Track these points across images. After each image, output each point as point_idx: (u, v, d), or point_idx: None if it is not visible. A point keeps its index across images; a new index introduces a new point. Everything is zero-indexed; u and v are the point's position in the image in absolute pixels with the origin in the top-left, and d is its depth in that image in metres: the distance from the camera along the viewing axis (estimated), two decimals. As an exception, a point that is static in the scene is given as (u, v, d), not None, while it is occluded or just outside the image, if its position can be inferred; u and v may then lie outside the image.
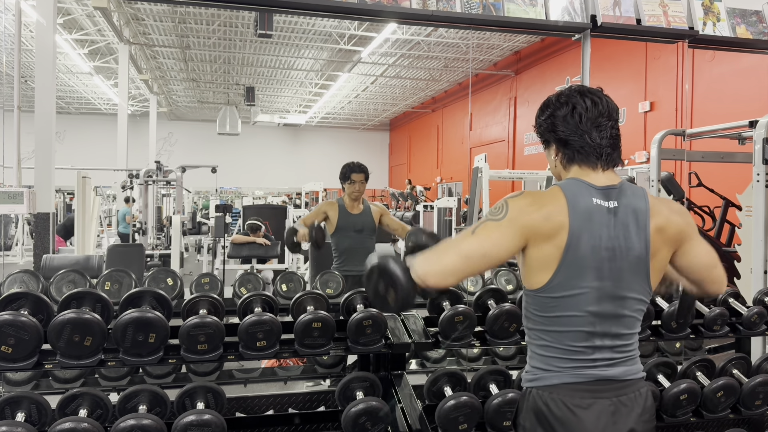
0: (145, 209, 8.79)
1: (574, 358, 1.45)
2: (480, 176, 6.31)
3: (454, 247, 1.40)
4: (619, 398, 1.45)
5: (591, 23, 2.95)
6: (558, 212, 1.39)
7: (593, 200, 1.41)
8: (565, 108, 1.50)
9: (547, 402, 1.44)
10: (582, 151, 1.46)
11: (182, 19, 12.49)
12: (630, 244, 1.42)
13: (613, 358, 1.48)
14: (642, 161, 10.04)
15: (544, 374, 1.47)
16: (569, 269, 1.40)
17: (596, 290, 1.41)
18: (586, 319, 1.42)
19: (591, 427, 1.41)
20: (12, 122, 5.09)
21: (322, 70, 16.51)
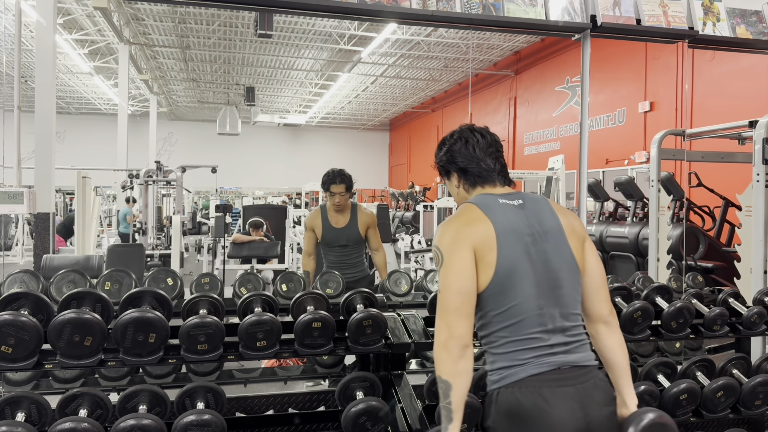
0: (145, 209, 8.79)
1: (534, 346, 1.53)
2: (480, 176, 6.30)
3: (441, 316, 1.52)
4: (582, 385, 1.52)
5: (591, 23, 2.95)
6: (479, 218, 1.57)
7: (500, 201, 1.62)
8: (459, 142, 1.73)
9: (518, 398, 1.49)
10: (481, 175, 1.69)
11: (182, 19, 12.49)
12: (545, 228, 1.59)
13: (567, 342, 1.56)
14: (642, 161, 10.04)
15: (509, 371, 1.53)
16: (506, 260, 1.54)
17: (531, 273, 1.54)
18: (533, 302, 1.53)
19: (563, 415, 1.46)
20: (12, 122, 5.09)
21: (322, 70, 16.51)
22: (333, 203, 3.73)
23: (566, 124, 12.82)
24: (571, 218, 1.67)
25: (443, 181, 1.82)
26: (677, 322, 2.67)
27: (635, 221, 6.84)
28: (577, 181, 3.29)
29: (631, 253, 6.56)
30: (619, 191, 7.22)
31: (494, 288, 1.53)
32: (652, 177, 4.79)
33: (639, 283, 3.44)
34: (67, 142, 20.37)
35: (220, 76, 17.67)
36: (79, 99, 20.34)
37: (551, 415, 1.46)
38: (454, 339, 1.48)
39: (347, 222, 3.76)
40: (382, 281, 3.21)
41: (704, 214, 6.91)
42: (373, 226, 3.86)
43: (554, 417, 1.46)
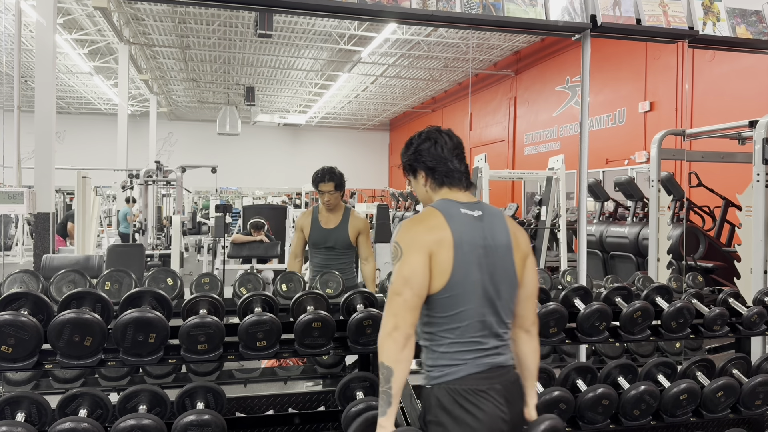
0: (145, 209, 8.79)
1: (474, 348, 1.66)
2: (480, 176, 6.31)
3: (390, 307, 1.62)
4: (506, 382, 1.70)
5: (591, 23, 2.95)
6: (440, 225, 1.66)
7: (461, 210, 1.71)
8: (427, 142, 1.80)
9: (458, 394, 1.63)
10: (449, 175, 1.77)
11: (182, 19, 12.48)
12: (497, 242, 1.71)
13: (498, 345, 1.71)
14: (642, 161, 10.04)
15: (450, 369, 1.66)
16: (460, 267, 1.64)
17: (480, 283, 1.66)
18: (478, 309, 1.66)
19: (493, 409, 1.63)
20: (12, 122, 5.09)
21: (322, 70, 16.51)
22: (323, 202, 3.64)
23: (566, 124, 12.81)
24: (519, 235, 1.79)
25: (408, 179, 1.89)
26: (677, 322, 2.67)
27: (635, 221, 6.84)
28: (577, 181, 3.29)
29: (631, 253, 6.56)
30: (619, 191, 7.22)
31: (446, 293, 1.64)
32: (652, 177, 4.79)
33: (639, 283, 3.44)
34: (67, 142, 20.36)
35: (220, 76, 17.66)
36: (79, 99, 20.34)
37: (484, 409, 1.62)
38: (399, 329, 1.58)
39: (337, 224, 3.64)
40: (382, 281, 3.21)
41: (704, 214, 6.90)
42: (364, 233, 3.70)
43: (487, 410, 1.62)
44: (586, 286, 2.75)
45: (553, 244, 8.36)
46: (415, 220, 1.71)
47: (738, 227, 4.45)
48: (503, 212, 1.83)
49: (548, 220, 6.43)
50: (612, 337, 2.64)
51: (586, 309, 2.53)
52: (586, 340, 2.58)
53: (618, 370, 2.56)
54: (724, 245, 6.34)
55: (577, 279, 3.18)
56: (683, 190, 6.47)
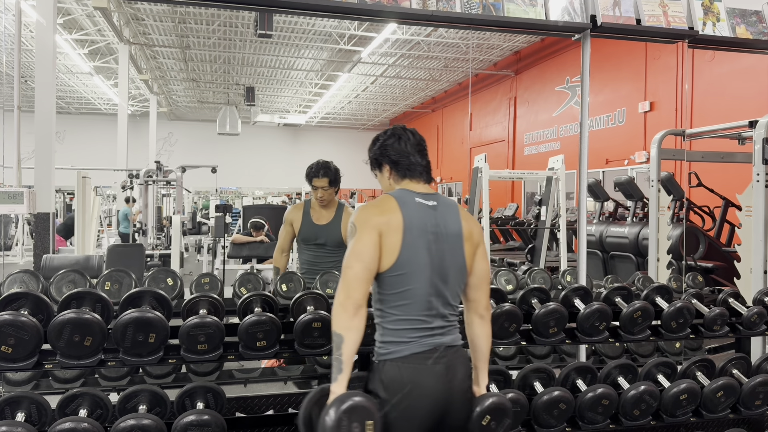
0: (145, 209, 8.79)
1: (419, 327, 1.79)
2: (480, 176, 6.31)
3: (344, 279, 1.74)
4: (450, 362, 1.81)
5: (591, 23, 2.95)
6: (393, 209, 1.80)
7: (416, 199, 1.85)
8: (392, 138, 1.94)
9: (400, 371, 1.75)
10: (410, 169, 1.90)
11: (182, 19, 12.48)
12: (448, 230, 1.84)
13: (444, 326, 1.84)
14: (642, 161, 10.04)
15: (396, 347, 1.78)
16: (409, 249, 1.77)
17: (428, 266, 1.79)
18: (425, 290, 1.79)
19: (432, 387, 1.75)
20: (12, 122, 5.09)
21: (322, 70, 16.51)
22: (316, 198, 3.51)
23: (566, 124, 12.81)
24: (472, 225, 1.92)
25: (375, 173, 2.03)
26: (677, 322, 2.67)
27: (635, 221, 6.84)
28: (577, 181, 3.29)
29: (631, 253, 6.56)
30: (619, 191, 7.22)
31: (394, 271, 1.77)
32: (652, 177, 4.79)
33: (639, 283, 3.44)
34: (67, 142, 20.35)
35: (220, 76, 17.66)
36: (79, 99, 20.34)
37: (423, 387, 1.74)
38: (350, 299, 1.70)
39: (329, 220, 3.51)
40: None
41: (704, 214, 6.91)
42: None
43: (425, 388, 1.74)
44: (586, 286, 2.74)
45: (553, 244, 8.36)
46: (371, 204, 1.86)
47: (738, 227, 4.45)
48: (458, 204, 1.95)
49: (548, 220, 6.42)
50: (612, 337, 2.64)
51: (586, 309, 2.53)
52: (586, 340, 2.58)
53: (618, 370, 2.56)
54: (724, 245, 6.34)
55: (577, 279, 3.18)
56: (683, 190, 6.47)
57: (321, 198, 3.48)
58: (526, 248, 7.53)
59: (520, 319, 2.49)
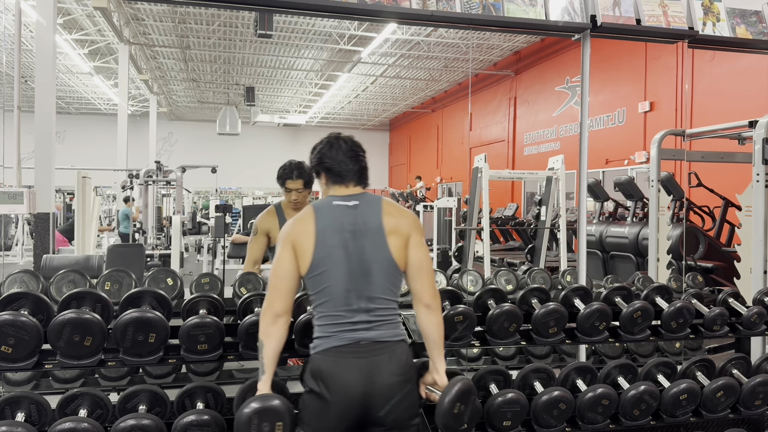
0: (145, 209, 8.79)
1: (339, 322, 1.85)
2: (480, 176, 6.31)
3: (267, 291, 1.90)
4: (375, 357, 1.84)
5: (591, 23, 2.95)
6: (308, 218, 1.91)
7: (333, 203, 1.94)
8: (326, 147, 2.03)
9: (320, 364, 1.83)
10: (341, 175, 1.99)
11: (182, 19, 12.48)
12: (368, 226, 1.91)
13: (370, 321, 1.87)
14: (642, 161, 10.04)
15: (320, 342, 1.87)
16: (322, 250, 1.87)
17: (345, 262, 1.86)
18: (342, 286, 1.86)
19: (350, 381, 1.79)
20: (12, 122, 5.09)
21: (322, 70, 16.51)
22: (289, 200, 3.32)
23: (566, 124, 12.81)
24: (399, 219, 1.96)
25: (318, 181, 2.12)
26: (677, 322, 2.67)
27: (635, 221, 6.84)
28: (577, 181, 3.29)
29: (631, 253, 6.56)
30: (619, 191, 7.22)
31: (312, 272, 1.88)
32: (652, 177, 4.79)
33: (639, 283, 3.44)
34: (67, 142, 20.35)
35: (220, 76, 17.66)
36: (79, 99, 20.33)
37: (341, 380, 1.80)
38: (270, 309, 1.86)
39: None
40: None
41: (704, 214, 6.90)
42: None
43: (343, 381, 1.80)
44: (586, 286, 2.75)
45: (553, 244, 8.36)
46: (292, 219, 1.98)
47: (738, 227, 4.45)
48: (382, 200, 2.00)
49: (548, 220, 6.42)
50: (612, 337, 2.64)
51: (585, 309, 2.53)
52: (586, 340, 2.58)
53: (618, 370, 2.56)
54: (723, 245, 6.34)
55: (577, 279, 3.18)
56: (683, 190, 6.47)
57: (295, 201, 3.30)
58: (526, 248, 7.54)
59: (520, 319, 2.49)
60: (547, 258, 6.67)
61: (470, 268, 4.99)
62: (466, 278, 3.20)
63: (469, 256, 6.56)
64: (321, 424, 1.81)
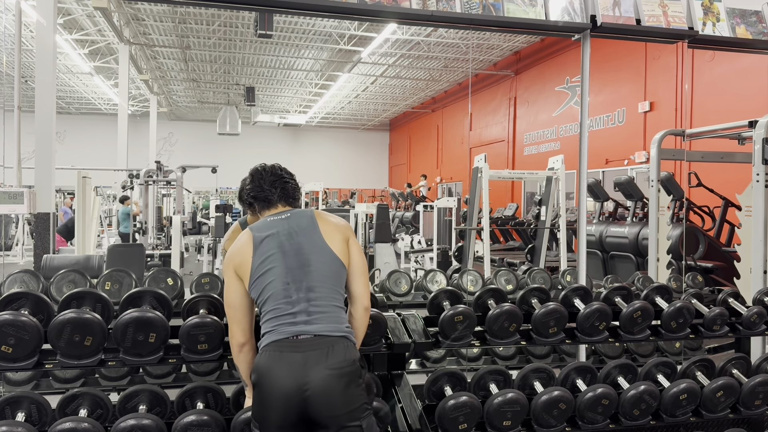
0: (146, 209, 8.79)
1: (279, 315, 1.89)
2: (480, 176, 6.31)
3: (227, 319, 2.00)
4: (312, 351, 1.84)
5: (591, 23, 2.95)
6: (244, 238, 2.01)
7: (268, 219, 2.06)
8: (249, 179, 2.19)
9: (259, 359, 1.87)
10: (266, 200, 2.12)
11: (182, 19, 12.49)
12: (301, 227, 2.01)
13: (310, 312, 1.90)
14: (642, 161, 10.04)
15: (264, 338, 1.91)
16: (261, 255, 1.94)
17: (282, 259, 1.94)
18: (281, 279, 1.91)
19: (282, 375, 1.81)
20: (12, 122, 5.09)
21: (322, 71, 16.51)
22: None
23: (566, 124, 12.81)
24: (334, 223, 2.07)
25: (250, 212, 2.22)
26: (677, 322, 2.67)
27: (635, 221, 6.84)
28: (577, 181, 3.29)
29: (630, 253, 6.56)
30: (619, 191, 7.22)
31: (253, 278, 1.93)
32: (652, 177, 4.79)
33: (639, 283, 3.44)
34: (67, 142, 20.36)
35: (220, 76, 17.66)
36: (79, 99, 20.33)
37: (273, 374, 1.82)
38: (233, 340, 1.97)
39: None
40: (382, 281, 3.21)
41: (704, 214, 6.90)
42: None
43: (275, 376, 1.81)
44: (586, 286, 2.75)
45: (553, 244, 8.37)
46: (231, 248, 2.05)
47: (738, 227, 4.45)
48: (314, 210, 2.15)
49: (548, 220, 6.42)
50: (612, 337, 2.64)
51: (585, 309, 2.53)
52: (586, 340, 2.58)
53: (618, 370, 2.56)
54: (723, 245, 6.34)
55: (577, 279, 3.18)
56: (683, 190, 6.47)
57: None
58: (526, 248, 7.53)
59: (520, 319, 2.49)
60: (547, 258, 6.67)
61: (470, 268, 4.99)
62: (466, 278, 3.20)
63: (469, 256, 6.56)
64: (264, 418, 1.84)
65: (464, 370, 2.50)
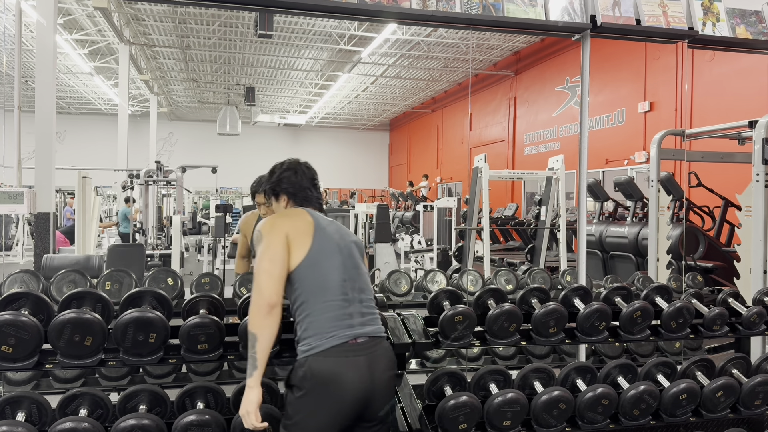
0: (146, 209, 8.79)
1: (335, 314, 1.86)
2: (480, 176, 6.31)
3: (257, 281, 1.85)
4: (372, 354, 1.87)
5: (591, 23, 2.95)
6: (300, 213, 1.99)
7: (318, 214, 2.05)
8: (289, 171, 2.12)
9: (320, 365, 1.80)
10: (307, 199, 2.09)
11: (182, 20, 12.49)
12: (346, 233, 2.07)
13: (364, 314, 1.93)
14: (642, 161, 10.04)
15: (317, 343, 1.84)
16: (320, 243, 1.91)
17: (339, 254, 1.95)
18: (338, 275, 1.91)
19: (354, 380, 1.80)
20: (12, 122, 5.09)
21: (322, 71, 16.51)
22: (261, 213, 3.38)
23: (566, 124, 12.82)
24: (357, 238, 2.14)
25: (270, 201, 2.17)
26: (677, 322, 2.67)
27: (635, 221, 6.84)
28: (576, 181, 3.29)
29: (630, 253, 6.56)
30: (618, 191, 7.22)
31: (307, 263, 1.88)
32: (652, 177, 4.79)
33: (639, 283, 3.44)
34: (67, 142, 20.36)
35: (220, 76, 17.66)
36: (79, 99, 20.34)
37: (343, 379, 1.79)
38: (264, 299, 1.81)
39: None
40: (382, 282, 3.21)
41: (704, 214, 6.90)
42: None
43: (346, 381, 1.79)
44: (586, 286, 2.75)
45: (553, 244, 8.36)
46: (277, 214, 2.03)
47: (737, 227, 4.45)
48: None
49: (548, 220, 6.43)
50: (612, 337, 2.64)
51: (585, 309, 2.53)
52: (586, 340, 2.58)
53: (618, 370, 2.56)
54: (723, 245, 6.34)
55: (577, 279, 3.18)
56: (683, 190, 6.47)
57: (264, 215, 3.34)
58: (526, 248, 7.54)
59: (520, 319, 2.49)
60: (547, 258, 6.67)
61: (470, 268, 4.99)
62: (466, 278, 3.20)
63: (469, 256, 6.56)
64: (316, 426, 1.79)
65: (464, 370, 2.51)
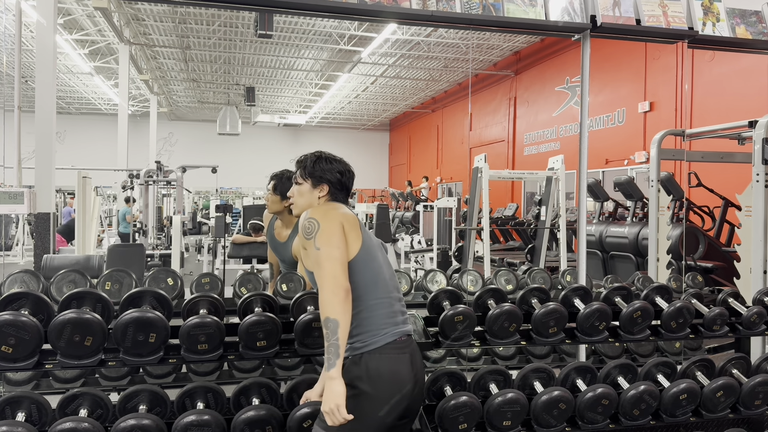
0: (146, 209, 8.79)
1: (389, 309, 1.90)
2: (480, 176, 6.31)
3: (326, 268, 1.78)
4: (414, 350, 1.93)
5: (591, 23, 2.95)
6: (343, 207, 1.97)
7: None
8: (340, 165, 2.07)
9: (377, 363, 1.81)
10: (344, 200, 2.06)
11: (182, 20, 12.49)
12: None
13: (404, 312, 1.98)
14: (642, 161, 10.04)
15: (372, 339, 1.84)
16: (367, 239, 1.92)
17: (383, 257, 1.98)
18: (387, 270, 1.96)
19: (406, 377, 1.84)
20: (12, 122, 5.09)
21: (322, 71, 16.51)
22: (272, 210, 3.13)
23: (566, 124, 12.82)
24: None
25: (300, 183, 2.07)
26: (677, 322, 2.68)
27: (635, 221, 6.84)
28: (576, 181, 3.29)
29: (630, 253, 6.56)
30: (618, 191, 7.22)
31: (362, 255, 1.87)
32: (652, 177, 4.79)
33: (639, 283, 3.44)
34: (67, 142, 20.36)
35: (220, 76, 17.66)
36: (79, 99, 20.33)
37: (399, 377, 1.82)
38: (339, 285, 1.76)
39: (286, 238, 3.06)
40: None
41: (704, 214, 6.91)
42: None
43: (402, 377, 1.83)
44: (586, 286, 2.75)
45: (553, 244, 8.36)
46: (329, 205, 1.98)
47: (738, 227, 4.45)
48: None
49: (548, 220, 6.42)
50: (612, 337, 2.64)
51: (585, 309, 2.53)
52: (586, 340, 2.58)
53: (618, 370, 2.56)
54: (723, 245, 6.34)
55: (577, 279, 3.18)
56: (683, 190, 6.47)
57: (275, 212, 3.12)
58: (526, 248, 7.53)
59: (520, 319, 2.49)
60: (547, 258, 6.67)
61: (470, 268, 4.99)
62: (466, 278, 3.20)
63: (469, 256, 6.56)
64: (371, 424, 1.78)
65: (464, 370, 2.51)
